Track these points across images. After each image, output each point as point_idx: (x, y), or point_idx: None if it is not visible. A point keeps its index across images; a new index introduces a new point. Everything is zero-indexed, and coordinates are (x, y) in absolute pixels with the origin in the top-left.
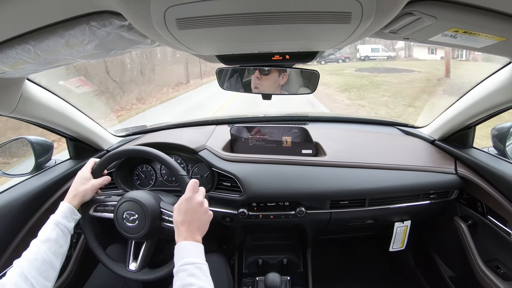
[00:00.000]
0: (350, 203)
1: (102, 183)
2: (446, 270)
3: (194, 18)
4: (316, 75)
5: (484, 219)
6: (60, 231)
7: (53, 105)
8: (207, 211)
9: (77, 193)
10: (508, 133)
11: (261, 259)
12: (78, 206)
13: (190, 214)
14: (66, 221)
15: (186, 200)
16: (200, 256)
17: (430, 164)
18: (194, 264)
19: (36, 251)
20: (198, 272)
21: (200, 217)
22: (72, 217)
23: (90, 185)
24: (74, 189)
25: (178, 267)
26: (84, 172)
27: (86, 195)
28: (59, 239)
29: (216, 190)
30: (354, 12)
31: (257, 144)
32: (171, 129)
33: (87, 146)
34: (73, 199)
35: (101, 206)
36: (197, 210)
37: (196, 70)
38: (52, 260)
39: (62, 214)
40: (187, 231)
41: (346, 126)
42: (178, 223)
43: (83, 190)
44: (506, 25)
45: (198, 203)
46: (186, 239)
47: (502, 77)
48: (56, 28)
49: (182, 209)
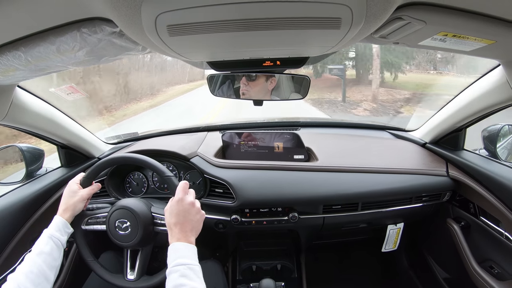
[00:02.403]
0: (343, 207)
1: (91, 193)
2: (440, 271)
3: (185, 24)
4: (307, 80)
5: (476, 220)
6: (54, 244)
7: (44, 112)
8: (199, 211)
9: (67, 207)
10: (498, 135)
11: (255, 265)
12: (70, 219)
13: (183, 215)
14: (60, 234)
15: (177, 201)
16: (193, 257)
17: (422, 167)
18: (186, 265)
19: (31, 264)
20: (190, 273)
21: (192, 218)
22: (65, 230)
23: (79, 197)
24: (64, 203)
25: (171, 268)
26: (72, 185)
27: (76, 207)
28: (53, 252)
29: (208, 196)
30: (344, 17)
31: (249, 150)
32: (162, 136)
33: (79, 153)
34: (65, 212)
35: (93, 218)
36: (189, 211)
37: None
38: (46, 272)
39: (56, 227)
40: (180, 232)
41: (338, 130)
42: (171, 225)
43: (72, 203)
44: (494, 28)
45: (190, 203)
46: (179, 240)
47: (491, 79)
48: (47, 34)
49: (174, 210)
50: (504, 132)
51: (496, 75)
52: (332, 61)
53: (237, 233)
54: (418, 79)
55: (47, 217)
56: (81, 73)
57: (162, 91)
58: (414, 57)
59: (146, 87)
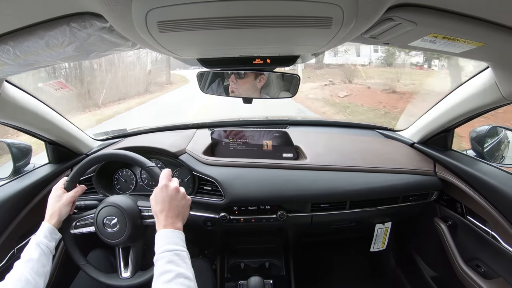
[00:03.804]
0: (331, 206)
1: (75, 195)
2: (428, 270)
3: (175, 21)
4: (297, 79)
5: (463, 219)
6: (42, 251)
7: (32, 107)
8: (184, 196)
9: (53, 212)
10: (486, 136)
11: (243, 263)
12: (57, 224)
13: (168, 201)
14: (47, 240)
15: (161, 188)
16: (180, 243)
17: (409, 166)
18: (173, 251)
19: (19, 272)
20: (177, 258)
21: (178, 204)
22: (53, 236)
23: (64, 201)
24: (50, 209)
25: (157, 255)
26: (56, 190)
27: (62, 212)
28: (41, 258)
29: (197, 194)
30: (335, 17)
31: (237, 148)
32: (151, 132)
33: (67, 150)
34: (51, 218)
35: (81, 221)
36: (174, 196)
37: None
38: (35, 280)
39: (43, 234)
40: (167, 219)
41: (327, 129)
42: (157, 212)
43: (58, 208)
44: (484, 30)
45: (174, 189)
46: (165, 227)
47: (480, 81)
48: (36, 29)
49: (159, 198)
50: (492, 133)
51: (485, 77)
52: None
53: (225, 231)
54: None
55: (35, 213)
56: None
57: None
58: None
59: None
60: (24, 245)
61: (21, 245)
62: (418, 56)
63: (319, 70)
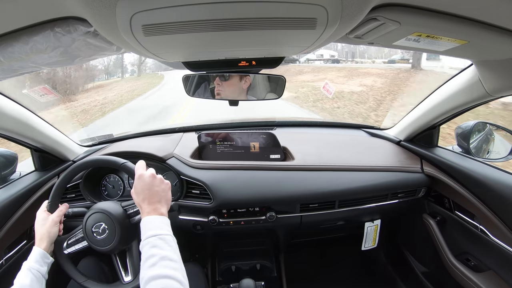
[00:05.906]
0: (320, 205)
1: (60, 214)
2: (418, 265)
3: (160, 24)
4: (283, 80)
5: (452, 214)
6: (34, 276)
7: (16, 114)
8: (162, 181)
9: (42, 235)
10: (471, 131)
11: (234, 265)
12: (48, 247)
13: (147, 188)
14: (39, 265)
15: (138, 179)
16: (164, 228)
17: (397, 164)
18: (157, 236)
19: None
20: (161, 242)
21: (157, 189)
22: (44, 261)
23: (50, 222)
24: (38, 233)
25: (142, 241)
26: (40, 214)
27: (51, 233)
28: (33, 284)
29: (185, 198)
30: (320, 18)
31: (225, 150)
32: (138, 137)
33: (53, 157)
34: (41, 242)
35: (71, 238)
36: (152, 183)
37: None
38: None
39: (34, 259)
40: (149, 206)
41: (313, 130)
42: (140, 203)
43: (46, 230)
44: (467, 28)
45: (151, 176)
46: (149, 214)
47: (464, 78)
48: (20, 34)
49: (139, 188)
50: (477, 129)
51: (468, 74)
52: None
53: (215, 234)
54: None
55: (22, 223)
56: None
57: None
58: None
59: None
60: (12, 255)
61: (8, 255)
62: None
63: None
